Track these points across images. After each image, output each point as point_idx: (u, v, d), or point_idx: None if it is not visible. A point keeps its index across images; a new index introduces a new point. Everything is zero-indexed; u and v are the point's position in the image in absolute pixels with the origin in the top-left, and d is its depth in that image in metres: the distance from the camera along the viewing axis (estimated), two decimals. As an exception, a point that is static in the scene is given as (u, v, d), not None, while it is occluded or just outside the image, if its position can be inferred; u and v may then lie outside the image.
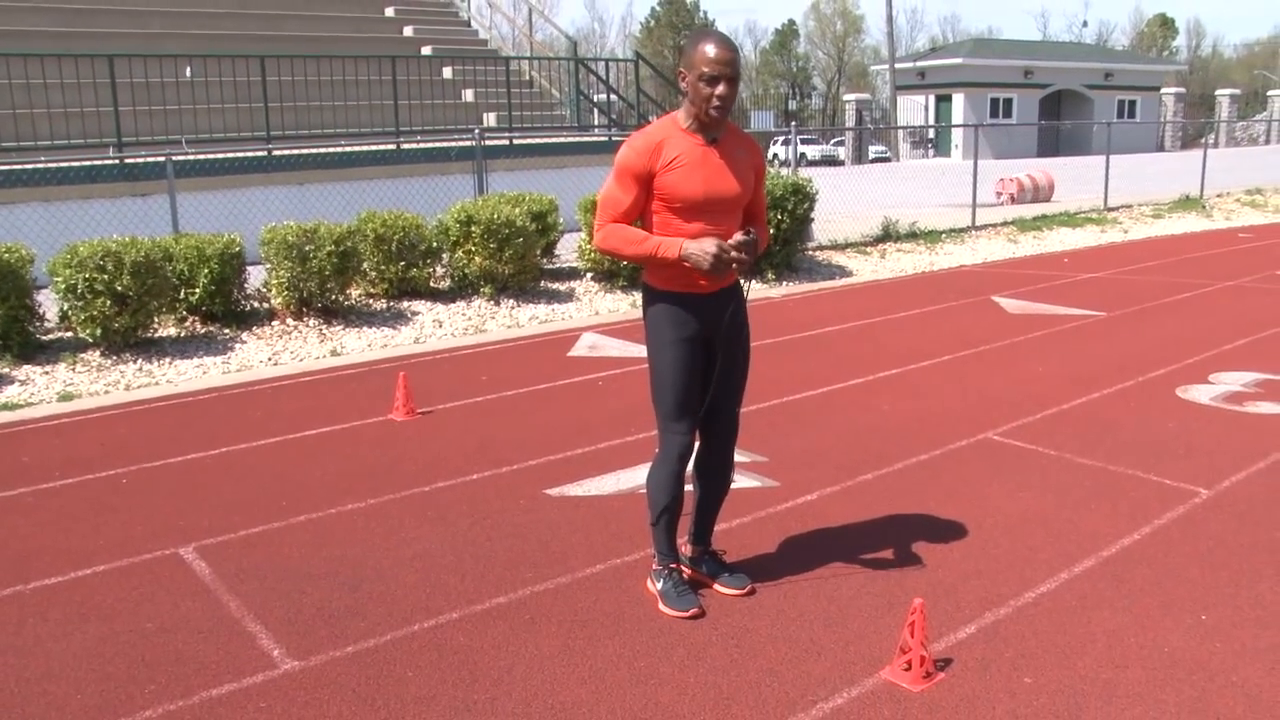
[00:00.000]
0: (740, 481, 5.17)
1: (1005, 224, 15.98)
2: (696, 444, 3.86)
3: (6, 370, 7.81)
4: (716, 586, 4.01)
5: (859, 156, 41.15)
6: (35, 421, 6.83)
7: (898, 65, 48.59)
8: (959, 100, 46.40)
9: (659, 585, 3.89)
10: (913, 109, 47.24)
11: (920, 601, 3.27)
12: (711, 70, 3.45)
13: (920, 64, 49.39)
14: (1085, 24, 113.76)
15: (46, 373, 7.83)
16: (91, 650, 3.66)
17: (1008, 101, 47.74)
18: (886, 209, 15.30)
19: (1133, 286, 10.89)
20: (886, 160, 42.51)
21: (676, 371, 3.66)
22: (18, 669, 3.55)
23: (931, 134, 45.99)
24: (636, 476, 5.30)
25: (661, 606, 3.84)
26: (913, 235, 14.29)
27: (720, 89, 3.47)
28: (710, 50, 3.46)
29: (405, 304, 9.99)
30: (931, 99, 47.70)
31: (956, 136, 42.52)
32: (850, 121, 43.02)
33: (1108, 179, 18.78)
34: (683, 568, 4.00)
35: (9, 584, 4.25)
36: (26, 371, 7.82)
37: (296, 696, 3.31)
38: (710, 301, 3.67)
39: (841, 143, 43.46)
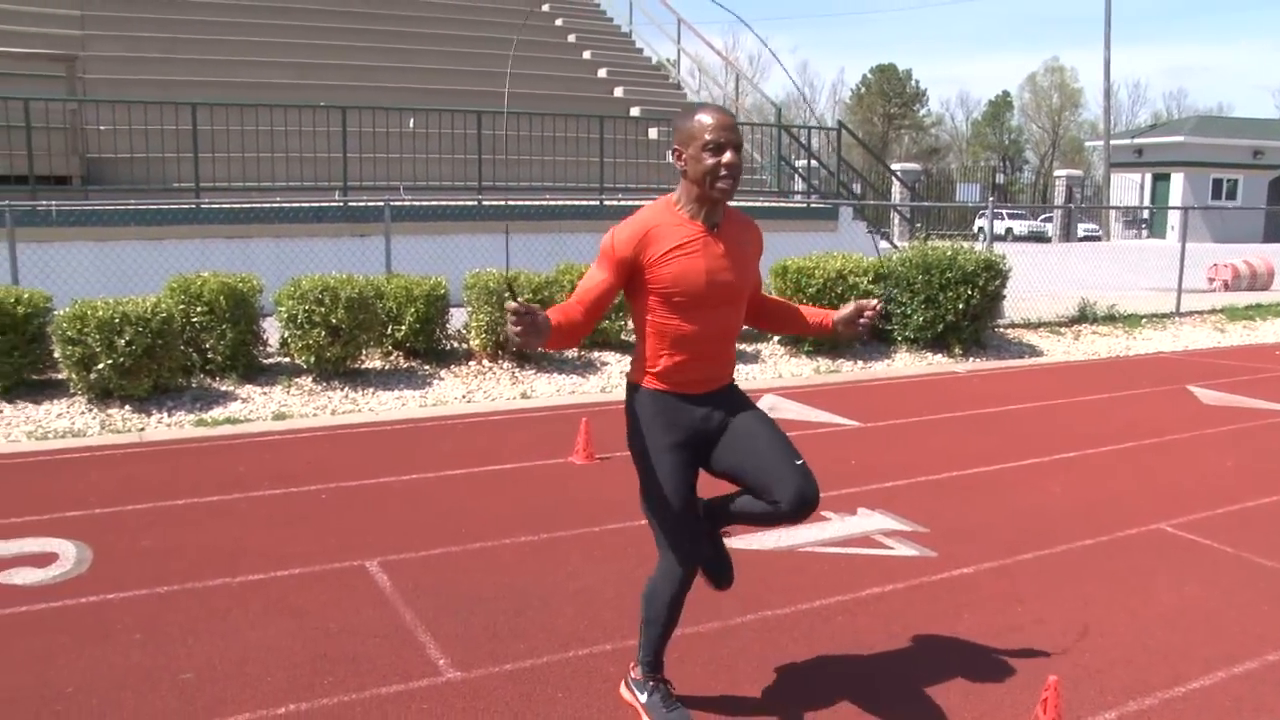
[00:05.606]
0: (897, 549, 5.26)
1: (1213, 311, 15.35)
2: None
3: (231, 388, 8.57)
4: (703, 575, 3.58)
5: (1067, 234, 40.02)
6: (252, 436, 7.49)
7: (1115, 141, 47.09)
8: (1178, 180, 44.59)
9: (643, 698, 3.56)
10: (1127, 187, 45.66)
11: (1055, 679, 3.32)
12: (715, 137, 3.12)
13: (1138, 141, 47.74)
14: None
15: (265, 393, 8.56)
16: (282, 641, 4.09)
17: (1232, 183, 45.57)
18: (1088, 289, 14.94)
19: (1346, 386, 10.34)
20: (1097, 239, 41.17)
21: (674, 482, 3.30)
22: (222, 649, 4.01)
23: (1146, 214, 44.34)
24: (797, 535, 5.44)
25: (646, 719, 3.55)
26: (1110, 318, 13.91)
27: (727, 156, 3.13)
28: (708, 118, 3.15)
29: (595, 354, 10.40)
30: (1148, 177, 46.00)
31: (1173, 218, 40.86)
32: (1060, 197, 41.94)
33: (1334, 271, 17.78)
34: (668, 681, 3.61)
35: (220, 575, 4.76)
36: (248, 390, 8.57)
37: (455, 703, 3.62)
38: (702, 401, 3.34)
39: (1050, 219, 42.36)
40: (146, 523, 5.54)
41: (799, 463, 3.27)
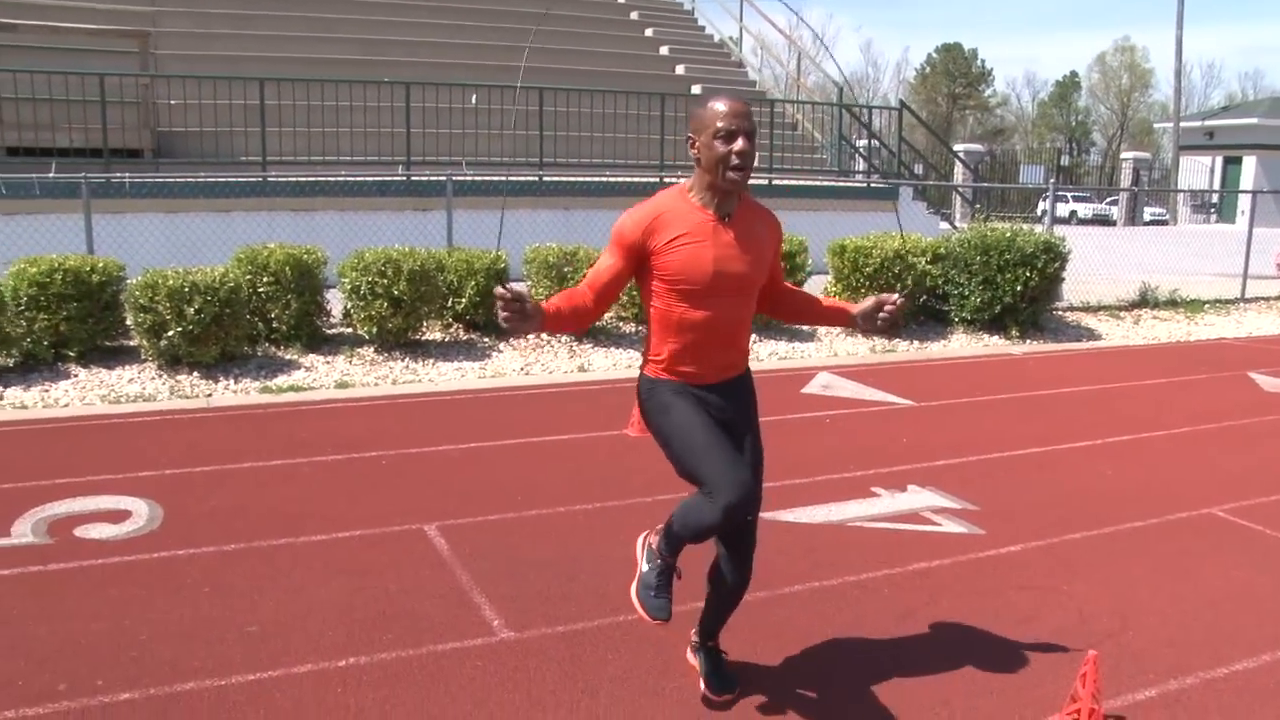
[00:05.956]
0: (945, 526, 5.31)
1: (1280, 298, 15.09)
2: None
3: (295, 357, 8.80)
4: (702, 684, 3.61)
5: (1132, 218, 39.35)
6: (315, 404, 7.70)
7: (1185, 124, 46.14)
8: (1250, 163, 43.54)
9: (643, 565, 3.48)
10: (1196, 171, 44.71)
11: (1094, 654, 3.37)
12: (727, 124, 3.07)
13: (1209, 123, 46.68)
14: None
15: (328, 362, 8.77)
16: (344, 599, 4.25)
17: (1309, 167, 44.36)
18: (1151, 274, 14.74)
19: None
20: (1164, 223, 40.42)
21: (694, 421, 3.24)
22: (285, 605, 4.19)
23: (1215, 198, 43.42)
24: (846, 510, 5.52)
25: (634, 586, 3.47)
26: (1172, 303, 13.74)
27: (739, 144, 3.08)
28: (721, 105, 3.10)
29: (650, 329, 10.48)
30: (1218, 161, 44.99)
31: (1244, 202, 39.93)
32: (1126, 180, 41.20)
33: None
34: (675, 568, 3.47)
35: (284, 535, 4.95)
36: (312, 359, 8.80)
37: (508, 661, 3.77)
38: (711, 390, 3.34)
39: (1115, 202, 41.65)
40: (214, 484, 5.75)
41: (749, 519, 3.36)
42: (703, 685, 3.59)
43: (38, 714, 3.38)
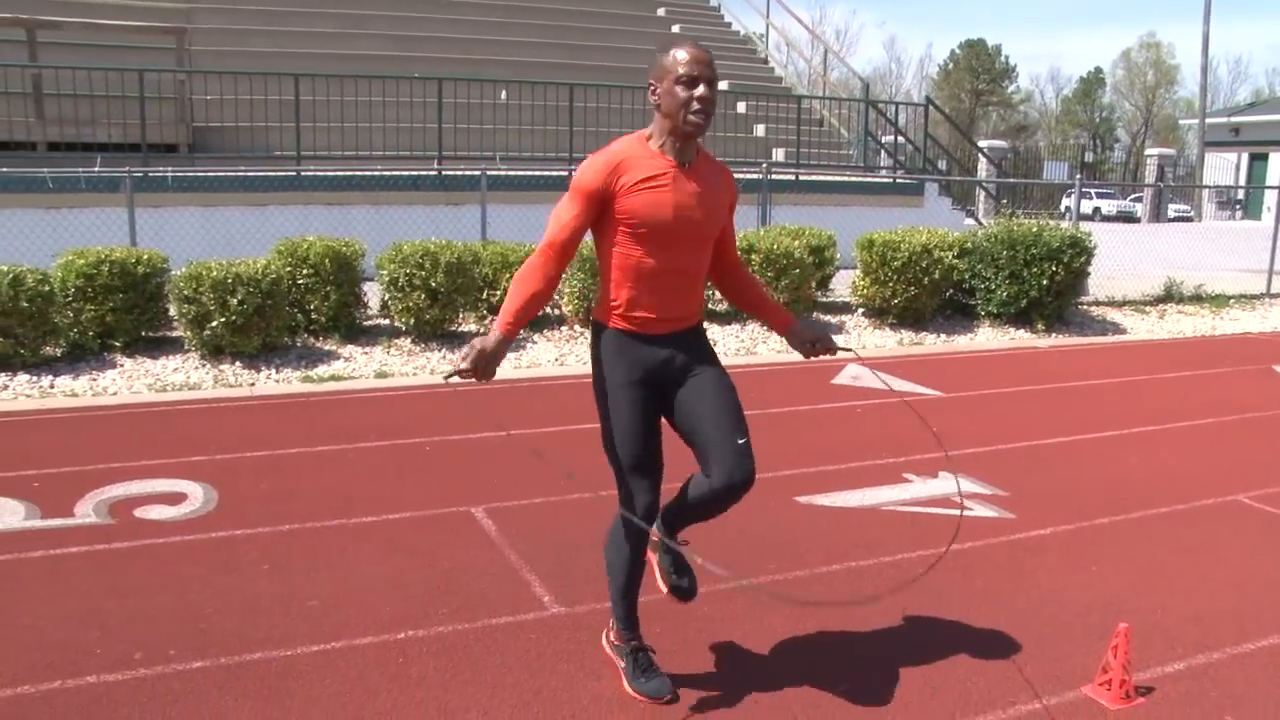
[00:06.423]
0: (976, 510, 5.45)
1: (1307, 294, 15.10)
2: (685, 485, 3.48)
3: (334, 348, 9.00)
4: (659, 579, 3.52)
5: (1157, 214, 39.22)
6: (356, 393, 7.90)
7: (1211, 120, 45.88)
8: (1276, 159, 43.22)
9: (621, 664, 3.58)
10: (1221, 167, 44.50)
11: (1125, 626, 3.51)
12: (689, 70, 3.12)
13: (1235, 119, 46.42)
14: None
15: (366, 353, 8.97)
16: (398, 576, 4.43)
17: (1336, 164, 44.06)
18: (1175, 269, 14.80)
19: None
20: (1188, 220, 40.31)
21: (632, 418, 3.31)
22: (342, 581, 4.38)
23: (1241, 195, 43.21)
24: (880, 495, 5.67)
25: (625, 685, 3.53)
26: (1197, 298, 13.79)
27: (700, 90, 3.13)
28: (683, 53, 3.14)
29: (679, 322, 10.63)
30: (1244, 157, 44.76)
31: (1269, 199, 39.74)
32: (1150, 177, 41.04)
33: None
34: (647, 647, 3.59)
35: (336, 517, 5.14)
36: (350, 350, 8.99)
37: (560, 633, 3.94)
38: (665, 342, 3.31)
39: (1139, 199, 41.50)
40: (264, 468, 5.94)
41: (741, 441, 3.23)
42: (660, 580, 3.49)
43: (118, 679, 3.56)
